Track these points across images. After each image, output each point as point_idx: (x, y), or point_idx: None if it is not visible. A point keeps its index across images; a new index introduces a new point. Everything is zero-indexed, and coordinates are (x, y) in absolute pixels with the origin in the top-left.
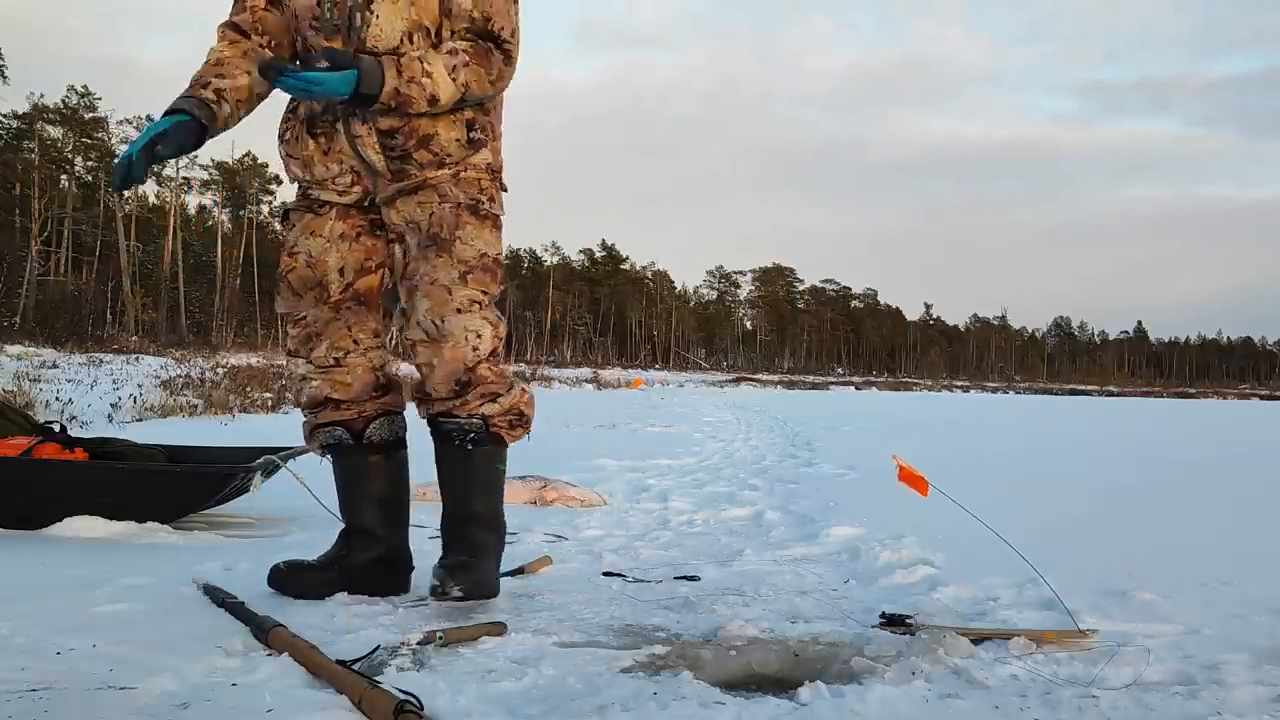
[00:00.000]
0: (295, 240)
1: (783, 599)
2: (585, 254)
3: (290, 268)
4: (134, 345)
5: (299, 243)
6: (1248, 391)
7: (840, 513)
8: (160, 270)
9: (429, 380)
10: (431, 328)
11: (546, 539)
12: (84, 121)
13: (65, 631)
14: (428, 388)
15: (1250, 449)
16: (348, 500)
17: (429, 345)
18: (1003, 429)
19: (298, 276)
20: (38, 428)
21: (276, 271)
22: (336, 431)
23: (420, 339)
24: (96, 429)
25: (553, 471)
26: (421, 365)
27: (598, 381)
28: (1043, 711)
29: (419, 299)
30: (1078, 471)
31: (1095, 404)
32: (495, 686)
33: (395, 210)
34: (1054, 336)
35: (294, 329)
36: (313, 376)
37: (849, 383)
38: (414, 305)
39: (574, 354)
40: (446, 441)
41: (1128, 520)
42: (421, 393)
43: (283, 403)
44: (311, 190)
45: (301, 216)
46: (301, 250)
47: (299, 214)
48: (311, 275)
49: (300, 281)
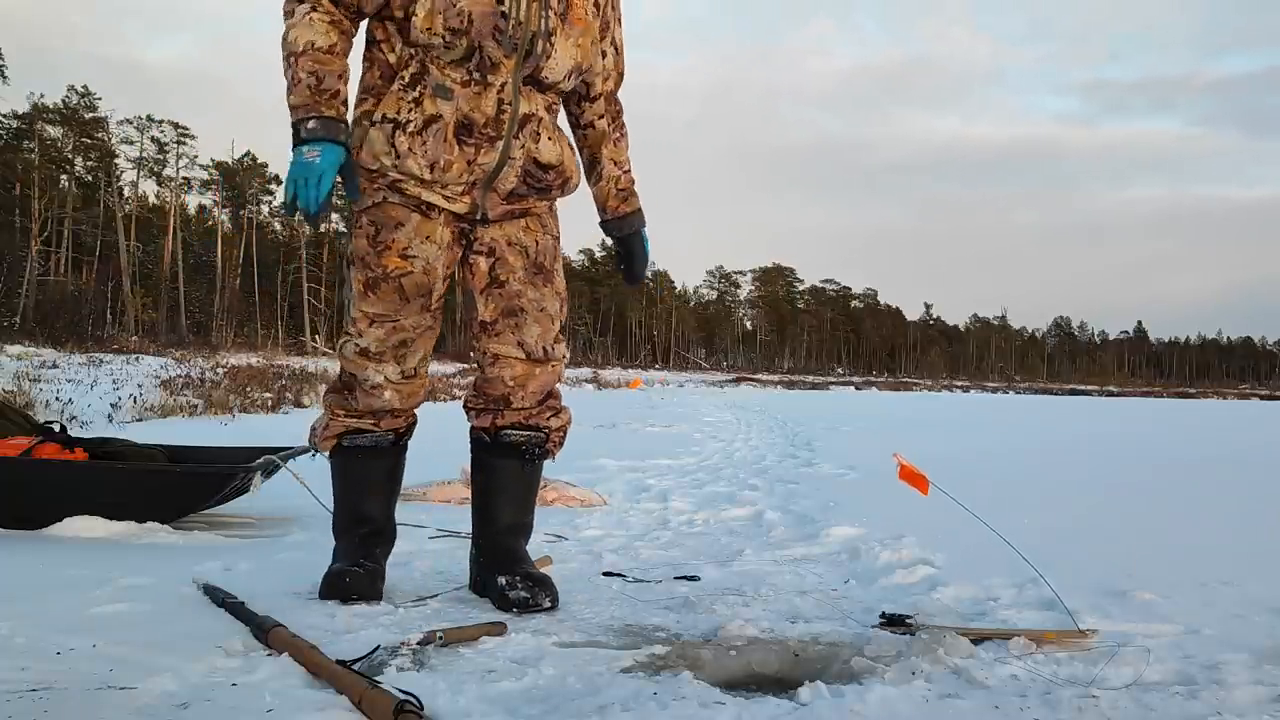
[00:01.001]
0: (409, 243)
1: (783, 599)
2: (585, 254)
3: (404, 271)
4: (134, 345)
5: (414, 246)
6: (1248, 391)
7: (840, 513)
8: (160, 270)
9: (516, 394)
10: (540, 352)
11: (546, 539)
12: (84, 121)
13: (65, 631)
14: (514, 400)
15: (1250, 448)
16: (373, 497)
17: (530, 364)
18: (1002, 429)
19: (414, 283)
20: (38, 428)
21: (372, 269)
22: (388, 437)
23: (520, 358)
24: (96, 429)
25: (553, 471)
26: (513, 379)
27: (598, 381)
28: (1043, 711)
29: (529, 324)
30: (1077, 471)
31: (1095, 404)
32: (495, 686)
33: (498, 228)
34: (1054, 336)
35: (380, 331)
36: (390, 386)
37: (849, 383)
38: (521, 327)
39: (574, 354)
40: (510, 454)
41: (1128, 520)
42: (498, 404)
43: (282, 403)
44: (409, 187)
45: (409, 215)
46: (419, 255)
47: (403, 211)
48: (425, 283)
49: (415, 289)
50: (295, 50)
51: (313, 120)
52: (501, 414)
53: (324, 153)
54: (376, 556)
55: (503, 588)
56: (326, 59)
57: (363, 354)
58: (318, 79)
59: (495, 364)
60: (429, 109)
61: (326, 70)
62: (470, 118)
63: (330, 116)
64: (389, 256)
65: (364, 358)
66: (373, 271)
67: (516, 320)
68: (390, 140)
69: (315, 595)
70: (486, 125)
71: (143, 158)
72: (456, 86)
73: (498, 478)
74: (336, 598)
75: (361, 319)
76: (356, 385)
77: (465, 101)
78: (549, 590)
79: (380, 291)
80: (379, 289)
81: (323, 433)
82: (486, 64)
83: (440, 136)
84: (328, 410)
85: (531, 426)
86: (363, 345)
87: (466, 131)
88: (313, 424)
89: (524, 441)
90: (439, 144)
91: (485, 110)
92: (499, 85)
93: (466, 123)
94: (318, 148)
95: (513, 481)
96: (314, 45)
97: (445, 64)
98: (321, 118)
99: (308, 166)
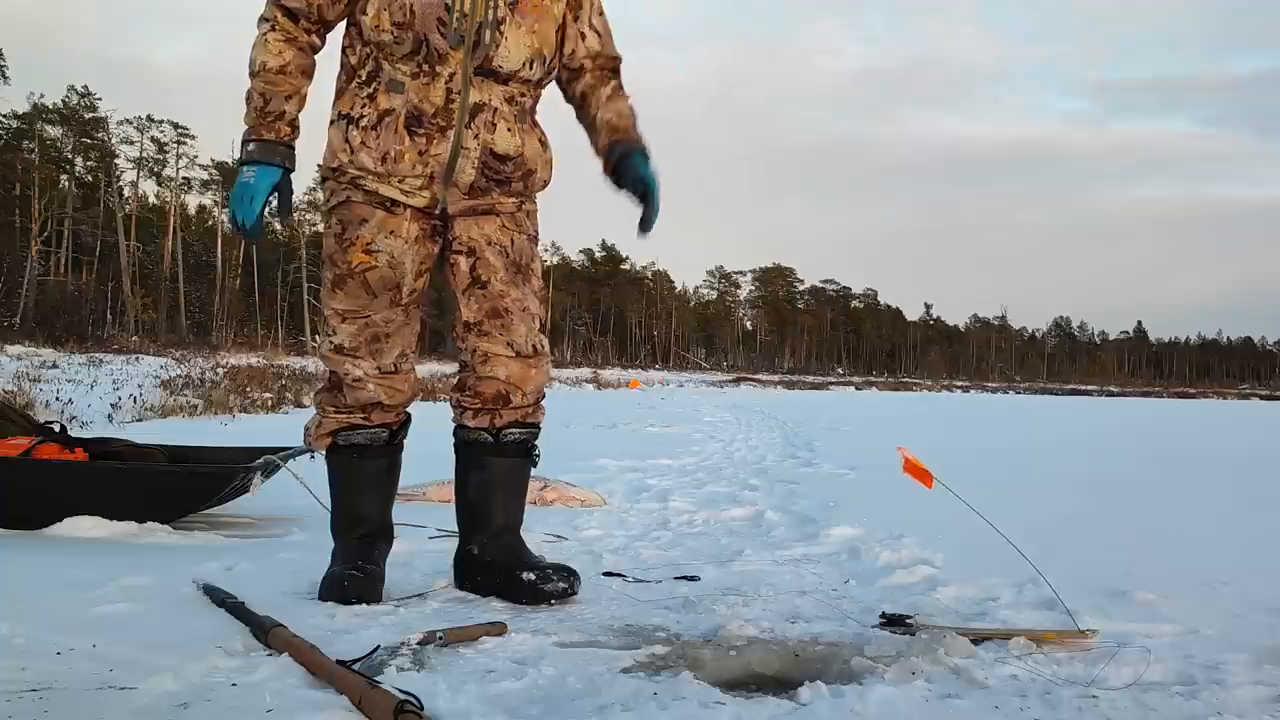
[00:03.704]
0: (373, 238)
1: (783, 599)
2: (585, 254)
3: (368, 266)
4: (134, 345)
5: (378, 241)
6: (1248, 391)
7: (840, 513)
8: (160, 270)
9: (515, 393)
10: (530, 349)
11: (546, 539)
12: (84, 121)
13: (65, 631)
14: (513, 399)
15: (1250, 448)
16: (370, 497)
17: (522, 362)
18: (1002, 428)
19: (379, 276)
20: (38, 428)
21: (339, 265)
22: (382, 434)
23: (511, 356)
24: (96, 429)
25: (553, 471)
26: (508, 378)
27: (598, 381)
28: (1043, 711)
29: (516, 324)
30: (1077, 471)
31: (1095, 404)
32: (495, 686)
33: (474, 226)
34: (1054, 336)
35: (351, 327)
36: (371, 379)
37: (849, 383)
38: (509, 328)
39: (574, 354)
40: (513, 452)
41: (1128, 520)
42: (495, 404)
43: (283, 403)
44: (368, 183)
45: (373, 212)
46: (383, 249)
47: (367, 208)
48: (391, 276)
49: (380, 282)
50: (251, 71)
51: (253, 143)
52: (500, 413)
53: (259, 174)
54: (375, 558)
55: (534, 581)
56: (276, 79)
57: (338, 350)
58: (264, 100)
59: (487, 363)
60: (383, 104)
61: (274, 92)
62: (419, 108)
63: (269, 140)
64: (353, 252)
65: (339, 354)
66: (339, 268)
67: (503, 321)
68: (345, 136)
69: (315, 596)
70: (436, 115)
71: (143, 158)
72: (407, 79)
73: (501, 476)
74: (336, 601)
75: (333, 316)
76: (341, 381)
77: (415, 93)
78: (575, 574)
79: (347, 288)
80: (345, 285)
81: (316, 431)
82: (434, 56)
83: (391, 128)
84: (319, 409)
85: (530, 424)
86: (337, 342)
87: (416, 122)
88: (306, 424)
89: (525, 439)
90: (389, 135)
91: (434, 100)
92: (447, 75)
93: (416, 114)
94: (254, 169)
95: (516, 479)
96: (265, 66)
97: (397, 59)
98: (261, 141)
99: (245, 186)
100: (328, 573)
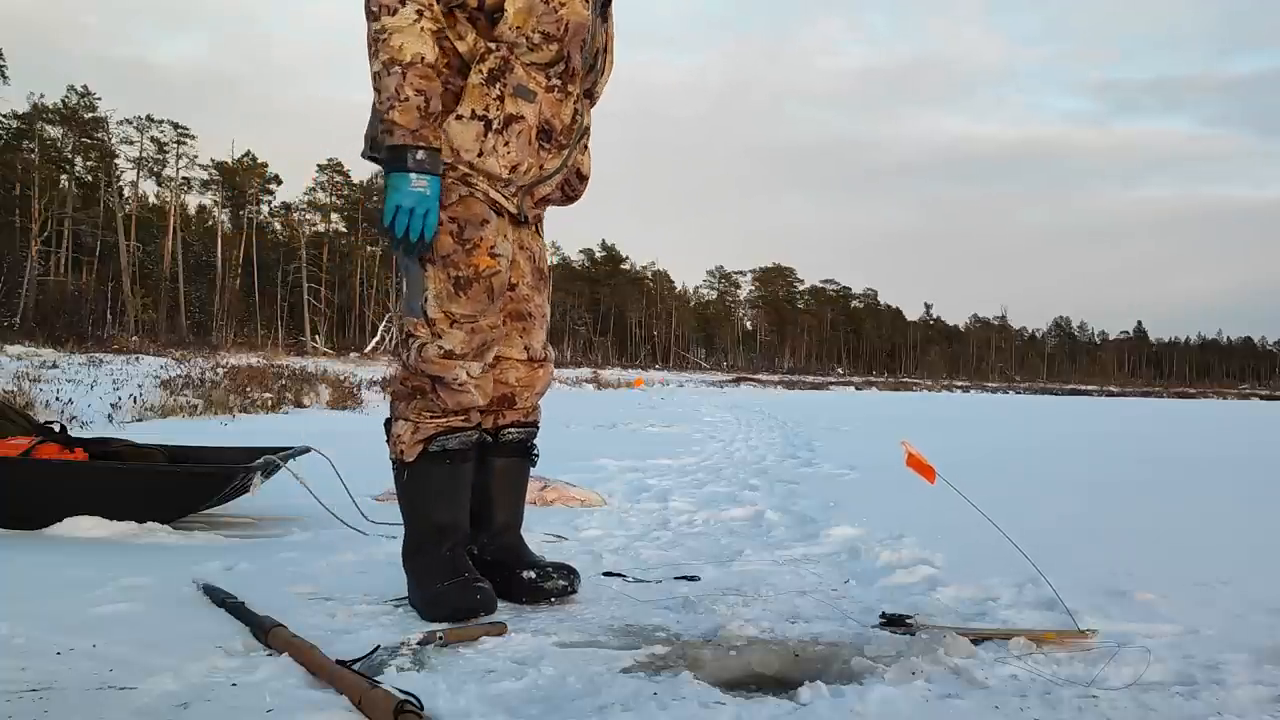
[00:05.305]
0: (495, 240)
1: (783, 599)
2: (585, 254)
3: (494, 270)
4: (134, 345)
5: (499, 245)
6: (1248, 391)
7: (840, 513)
8: (160, 270)
9: (522, 395)
10: (541, 353)
11: (546, 539)
12: (84, 121)
13: (65, 631)
14: (518, 401)
15: (1250, 448)
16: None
17: (534, 365)
18: (1002, 428)
19: (501, 281)
20: (38, 428)
21: (461, 268)
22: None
23: (523, 359)
24: (96, 429)
25: (553, 471)
26: (517, 380)
27: (598, 381)
28: (1043, 711)
29: (536, 328)
30: (1077, 470)
31: (1095, 404)
32: (495, 686)
33: (518, 234)
34: (1054, 336)
35: (463, 331)
36: (473, 380)
37: (849, 383)
38: (529, 331)
39: (574, 354)
40: (514, 452)
41: (1128, 520)
42: (500, 405)
43: (282, 403)
44: (478, 184)
45: (489, 214)
46: (503, 254)
47: (483, 208)
48: (505, 282)
49: (501, 287)
50: (401, 60)
51: (422, 150)
52: (503, 414)
53: (432, 184)
54: (473, 569)
55: (534, 579)
56: (435, 77)
57: (448, 355)
58: (427, 100)
59: (498, 365)
60: (509, 108)
61: (434, 91)
62: (551, 124)
63: (436, 148)
64: (479, 255)
65: (449, 359)
66: (461, 271)
67: (525, 325)
68: (478, 137)
69: (315, 595)
70: (562, 133)
71: (143, 158)
72: (540, 90)
73: (502, 476)
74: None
75: (442, 319)
76: (440, 385)
77: (548, 106)
78: (575, 573)
79: (471, 292)
80: (470, 289)
81: (411, 439)
82: (569, 73)
83: (524, 139)
84: (412, 417)
85: (529, 424)
86: (448, 347)
87: (546, 137)
88: (395, 433)
89: (524, 438)
90: (523, 146)
91: (564, 118)
92: (575, 95)
93: (547, 128)
94: (425, 179)
95: (517, 478)
96: (423, 59)
97: (531, 65)
98: (429, 149)
99: (421, 198)
100: (433, 591)
